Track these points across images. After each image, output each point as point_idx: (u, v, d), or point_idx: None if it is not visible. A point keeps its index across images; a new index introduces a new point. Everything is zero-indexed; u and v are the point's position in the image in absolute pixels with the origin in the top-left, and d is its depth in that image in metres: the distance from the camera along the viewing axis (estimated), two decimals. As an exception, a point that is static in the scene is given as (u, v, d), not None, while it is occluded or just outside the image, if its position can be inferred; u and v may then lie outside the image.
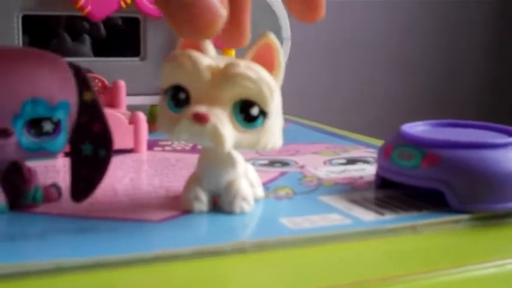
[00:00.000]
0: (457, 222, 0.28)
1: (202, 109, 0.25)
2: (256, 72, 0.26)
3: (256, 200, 0.29)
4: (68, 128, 0.27)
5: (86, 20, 0.50)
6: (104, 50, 0.56)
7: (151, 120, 0.45)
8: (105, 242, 0.24)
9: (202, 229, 0.26)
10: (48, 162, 0.37)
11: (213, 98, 0.26)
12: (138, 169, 0.37)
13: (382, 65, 1.54)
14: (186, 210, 0.28)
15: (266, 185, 0.33)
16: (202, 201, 0.28)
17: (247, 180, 0.29)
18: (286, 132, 0.28)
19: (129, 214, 0.28)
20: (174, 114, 0.26)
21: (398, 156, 0.30)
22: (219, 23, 0.24)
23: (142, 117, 0.42)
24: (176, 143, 0.45)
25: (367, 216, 0.27)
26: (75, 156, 0.27)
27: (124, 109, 0.46)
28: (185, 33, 0.24)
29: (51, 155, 0.27)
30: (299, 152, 0.42)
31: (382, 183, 0.32)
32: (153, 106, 0.67)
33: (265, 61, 0.27)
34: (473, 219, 0.28)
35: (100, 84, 0.46)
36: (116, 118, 0.41)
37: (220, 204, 0.28)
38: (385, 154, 0.31)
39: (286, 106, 0.29)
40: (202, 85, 0.26)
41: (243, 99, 0.26)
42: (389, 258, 0.24)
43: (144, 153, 0.42)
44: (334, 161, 0.39)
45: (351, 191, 0.32)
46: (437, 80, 1.60)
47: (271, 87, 0.26)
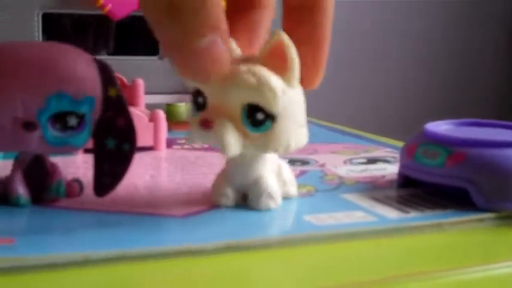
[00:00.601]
0: (482, 220, 0.27)
1: (209, 115, 0.26)
2: (258, 76, 0.25)
3: (289, 197, 0.29)
4: (91, 123, 0.27)
5: (106, 18, 0.51)
6: (123, 48, 0.56)
7: (168, 118, 0.45)
8: (129, 235, 0.24)
9: (227, 225, 0.26)
10: (68, 158, 0.37)
11: (224, 102, 0.26)
12: (158, 166, 0.37)
13: (397, 66, 1.54)
14: (210, 206, 0.28)
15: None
16: (229, 196, 0.28)
17: (279, 178, 0.29)
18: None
19: (152, 209, 0.27)
20: (194, 117, 0.27)
21: (423, 155, 0.30)
22: (223, 72, 0.25)
23: (162, 115, 0.42)
24: (195, 141, 0.45)
25: (392, 213, 0.27)
26: (98, 151, 0.27)
27: (143, 107, 0.46)
28: (190, 77, 0.25)
29: (75, 149, 0.27)
30: (317, 151, 0.42)
31: (404, 182, 0.32)
32: (169, 105, 0.67)
33: (278, 59, 0.26)
34: (499, 218, 0.27)
35: (119, 82, 0.46)
36: (136, 116, 0.40)
37: (248, 199, 0.28)
38: (408, 153, 0.31)
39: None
40: (214, 90, 0.26)
41: (250, 104, 0.26)
42: (414, 256, 0.24)
43: (163, 151, 0.42)
44: (354, 160, 0.39)
45: (373, 189, 0.32)
46: (454, 80, 1.60)
47: (274, 90, 0.25)
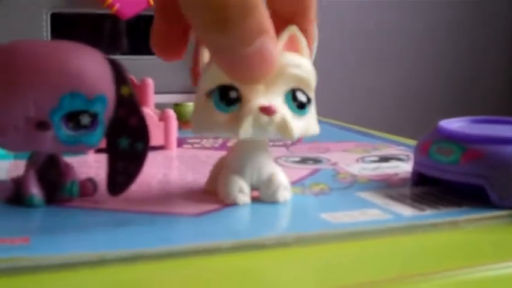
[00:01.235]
0: (498, 218, 0.27)
1: (266, 102, 0.25)
2: (304, 60, 0.26)
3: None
4: (104, 122, 0.27)
5: (114, 17, 0.50)
6: (132, 47, 0.56)
7: (176, 118, 0.45)
8: (144, 235, 0.24)
9: (242, 222, 0.26)
10: (79, 158, 0.37)
11: (266, 91, 0.26)
12: (169, 165, 0.37)
13: (402, 65, 1.54)
14: (223, 204, 0.28)
15: (301, 181, 0.32)
16: (246, 193, 0.28)
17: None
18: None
19: (166, 208, 0.27)
20: (226, 114, 0.26)
21: (437, 152, 0.30)
22: (273, 72, 0.24)
23: (172, 114, 0.42)
24: (205, 140, 0.45)
25: (407, 211, 0.27)
26: (112, 150, 0.27)
27: (152, 107, 0.46)
28: (242, 80, 0.25)
29: (88, 148, 0.27)
30: (329, 150, 0.41)
31: (418, 179, 0.32)
32: (177, 104, 0.67)
33: (292, 50, 0.27)
34: (515, 215, 0.27)
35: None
36: (146, 115, 0.40)
37: (261, 195, 0.28)
38: (422, 150, 0.31)
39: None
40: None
41: (294, 88, 0.26)
42: (430, 254, 0.24)
43: (174, 150, 0.42)
44: (367, 159, 0.39)
45: (387, 187, 0.31)
46: (459, 79, 1.59)
47: (314, 74, 0.27)
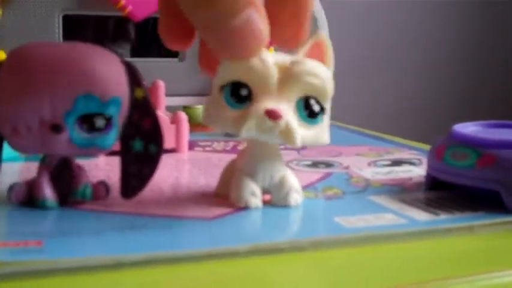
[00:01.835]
0: (514, 223, 0.27)
1: (273, 106, 0.25)
2: (322, 69, 0.26)
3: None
4: (118, 124, 0.26)
5: (125, 19, 0.50)
6: (143, 50, 0.56)
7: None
8: (158, 238, 0.23)
9: (256, 226, 0.26)
10: (91, 161, 0.37)
11: (278, 95, 0.26)
12: (181, 168, 0.37)
13: (409, 67, 1.53)
14: (236, 208, 0.27)
15: (313, 185, 0.32)
16: (258, 196, 0.28)
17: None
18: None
19: (180, 212, 0.27)
20: (235, 110, 0.26)
21: (452, 157, 0.29)
22: (264, 44, 0.25)
23: (183, 117, 0.42)
24: (216, 143, 0.45)
25: (422, 216, 0.27)
26: (125, 153, 0.27)
27: (163, 109, 0.46)
28: (233, 55, 0.25)
29: (102, 151, 0.27)
30: (341, 153, 0.41)
31: (432, 184, 0.31)
32: (186, 107, 0.67)
33: (317, 56, 0.27)
34: (531, 221, 0.27)
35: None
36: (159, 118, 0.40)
37: (272, 199, 0.28)
38: (437, 155, 0.30)
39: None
40: (268, 82, 0.25)
41: (308, 96, 0.26)
42: (445, 259, 0.24)
43: (185, 153, 0.41)
44: (379, 163, 0.38)
45: (400, 191, 0.31)
46: (467, 81, 1.59)
47: (331, 84, 0.26)
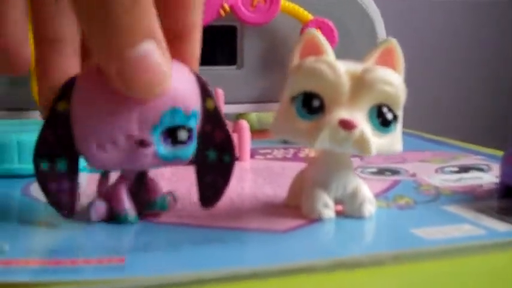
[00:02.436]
0: None
1: (347, 115, 0.25)
2: (395, 76, 0.26)
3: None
4: (196, 136, 0.27)
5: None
6: (201, 58, 0.56)
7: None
8: (237, 252, 0.23)
9: (332, 239, 0.26)
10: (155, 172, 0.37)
11: (350, 104, 0.25)
12: (246, 178, 0.37)
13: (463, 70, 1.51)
14: (309, 220, 0.27)
15: (383, 194, 0.32)
16: (331, 208, 0.27)
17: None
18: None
19: (253, 224, 0.27)
20: (307, 121, 0.26)
21: (528, 164, 0.29)
22: (162, 88, 0.24)
23: (245, 125, 0.42)
24: (276, 151, 0.45)
25: (501, 226, 0.26)
26: (200, 164, 0.27)
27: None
28: (129, 89, 0.23)
29: (183, 163, 0.27)
30: (406, 159, 0.41)
31: (506, 191, 0.31)
32: (240, 114, 0.67)
33: (387, 63, 0.26)
34: None
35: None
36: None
37: (345, 210, 0.28)
38: (510, 161, 0.30)
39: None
40: (340, 91, 0.25)
41: (380, 104, 0.25)
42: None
43: (247, 162, 0.41)
44: (446, 169, 0.38)
45: (473, 200, 0.30)
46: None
47: (404, 92, 0.26)
